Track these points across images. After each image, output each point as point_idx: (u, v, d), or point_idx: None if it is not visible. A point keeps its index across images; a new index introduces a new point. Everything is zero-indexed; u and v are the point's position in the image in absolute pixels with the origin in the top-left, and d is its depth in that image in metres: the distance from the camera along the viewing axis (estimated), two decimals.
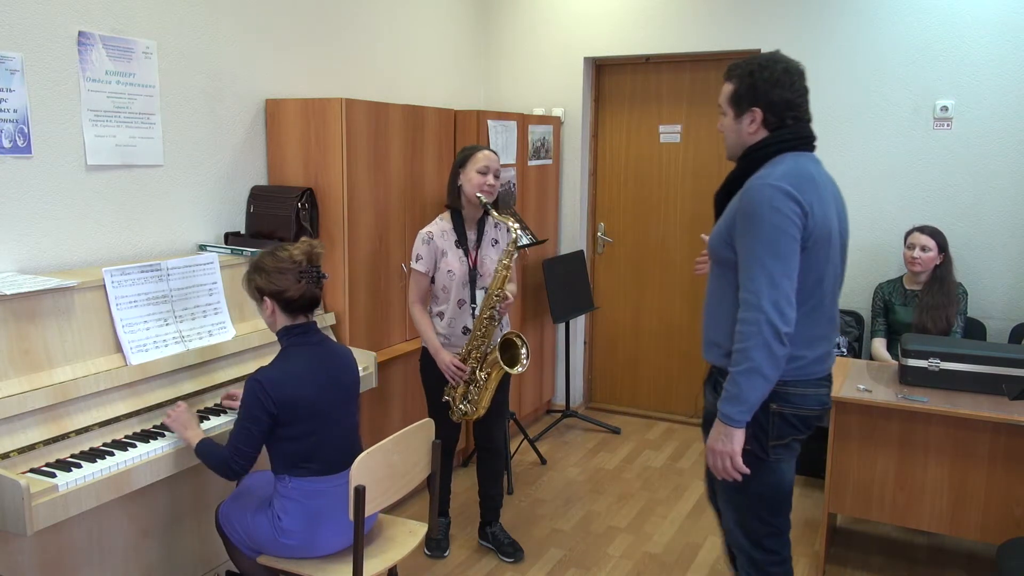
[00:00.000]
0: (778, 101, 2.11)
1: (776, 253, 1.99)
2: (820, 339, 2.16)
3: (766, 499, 2.25)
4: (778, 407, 2.14)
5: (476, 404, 3.12)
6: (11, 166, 2.49)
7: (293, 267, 2.29)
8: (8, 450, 2.11)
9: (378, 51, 4.08)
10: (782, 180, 2.02)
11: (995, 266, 4.00)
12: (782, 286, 1.99)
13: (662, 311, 5.00)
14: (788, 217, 1.99)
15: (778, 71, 2.11)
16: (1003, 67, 3.90)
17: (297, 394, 2.25)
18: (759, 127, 2.14)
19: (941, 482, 2.94)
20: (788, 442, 2.20)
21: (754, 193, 2.04)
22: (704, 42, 4.51)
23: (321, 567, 2.32)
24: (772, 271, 1.99)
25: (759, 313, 1.99)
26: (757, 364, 2.01)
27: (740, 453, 2.09)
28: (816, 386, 2.18)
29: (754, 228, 2.02)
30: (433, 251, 3.11)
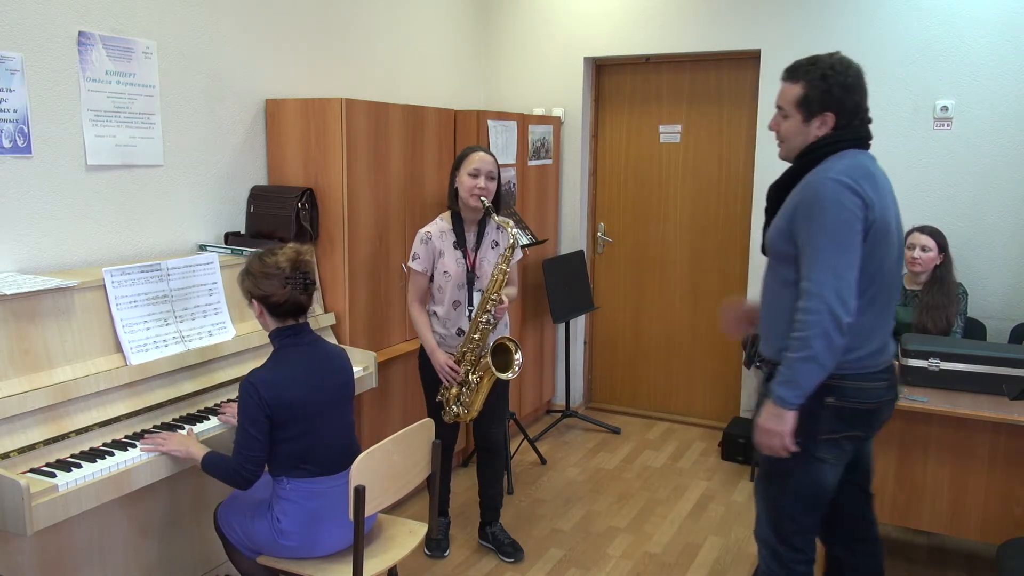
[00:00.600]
0: (851, 107, 2.15)
1: (839, 244, 2.04)
2: (877, 331, 2.18)
3: (804, 497, 2.26)
4: (834, 400, 2.16)
5: (468, 407, 3.11)
6: (11, 166, 2.49)
7: (278, 273, 2.29)
8: (8, 450, 2.11)
9: (378, 51, 4.08)
10: (843, 174, 2.07)
11: (995, 266, 4.00)
12: (845, 276, 2.04)
13: (662, 311, 5.00)
14: (850, 210, 2.04)
15: (851, 76, 2.14)
16: (1003, 67, 3.90)
17: (290, 395, 2.25)
18: (828, 130, 2.17)
19: (941, 482, 2.94)
20: (839, 439, 2.20)
21: (817, 187, 2.08)
22: (704, 42, 4.51)
23: (321, 567, 2.32)
24: (835, 262, 2.04)
25: (821, 302, 2.03)
26: (815, 352, 2.05)
27: (791, 433, 2.13)
28: (873, 380, 2.19)
29: (817, 220, 2.06)
30: (431, 251, 3.11)
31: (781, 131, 2.26)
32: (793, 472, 2.22)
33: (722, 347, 4.84)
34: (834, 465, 2.25)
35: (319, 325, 3.20)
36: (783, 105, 2.23)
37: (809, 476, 2.23)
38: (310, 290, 2.36)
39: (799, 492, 2.26)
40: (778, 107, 2.26)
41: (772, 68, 4.36)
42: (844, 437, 2.21)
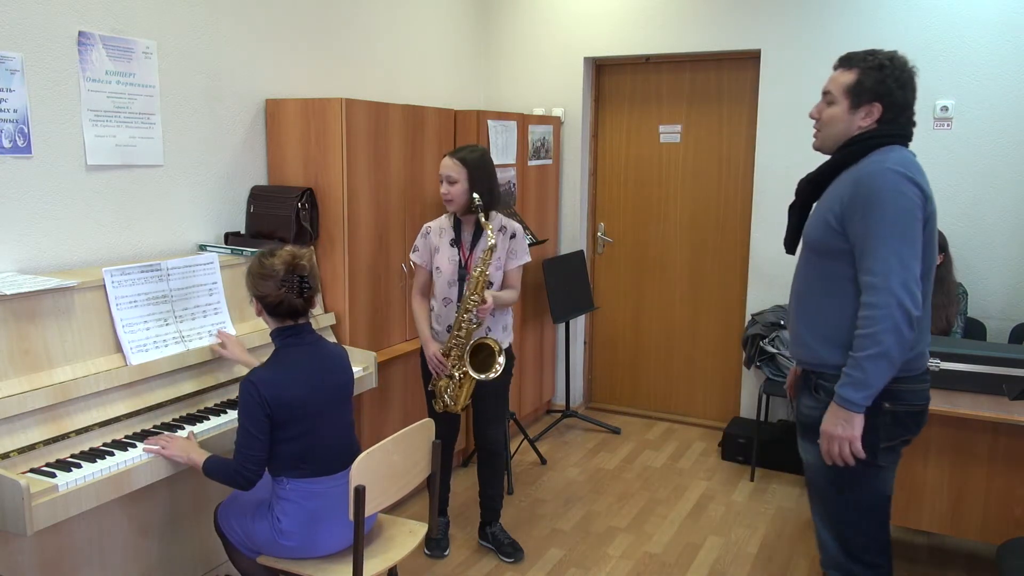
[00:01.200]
0: (901, 102, 2.12)
1: (903, 235, 1.99)
2: (925, 330, 2.13)
3: (869, 508, 2.18)
4: (891, 405, 2.09)
5: (455, 400, 3.15)
6: (11, 166, 2.49)
7: (273, 275, 2.30)
8: (8, 450, 2.11)
9: (378, 51, 4.08)
10: (899, 166, 2.03)
11: (995, 266, 4.00)
12: (911, 267, 1.99)
13: (662, 311, 4.99)
14: (912, 199, 2.00)
15: (907, 73, 2.12)
16: (1003, 67, 3.90)
17: (290, 394, 2.25)
18: (873, 123, 2.13)
19: (941, 482, 2.94)
20: (897, 444, 2.14)
21: (876, 178, 2.03)
22: (704, 42, 4.51)
23: (321, 567, 2.32)
24: (901, 252, 1.98)
25: (889, 296, 1.97)
26: (886, 348, 1.97)
27: (860, 438, 2.04)
28: (922, 381, 2.15)
29: (879, 211, 2.00)
30: (428, 245, 3.17)
31: (823, 118, 2.21)
32: (854, 485, 2.14)
33: (722, 347, 4.84)
34: (892, 469, 2.19)
35: (319, 325, 3.20)
36: (832, 90, 2.17)
37: (872, 486, 2.16)
38: (307, 293, 2.34)
39: (864, 504, 2.17)
40: (825, 93, 2.20)
41: (772, 68, 4.37)
42: (901, 441, 2.15)
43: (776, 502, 3.89)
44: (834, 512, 2.22)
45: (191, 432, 2.45)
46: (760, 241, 4.51)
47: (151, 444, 2.32)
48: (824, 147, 2.25)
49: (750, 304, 4.57)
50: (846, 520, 2.20)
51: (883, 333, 1.97)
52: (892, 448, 2.14)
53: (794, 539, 3.52)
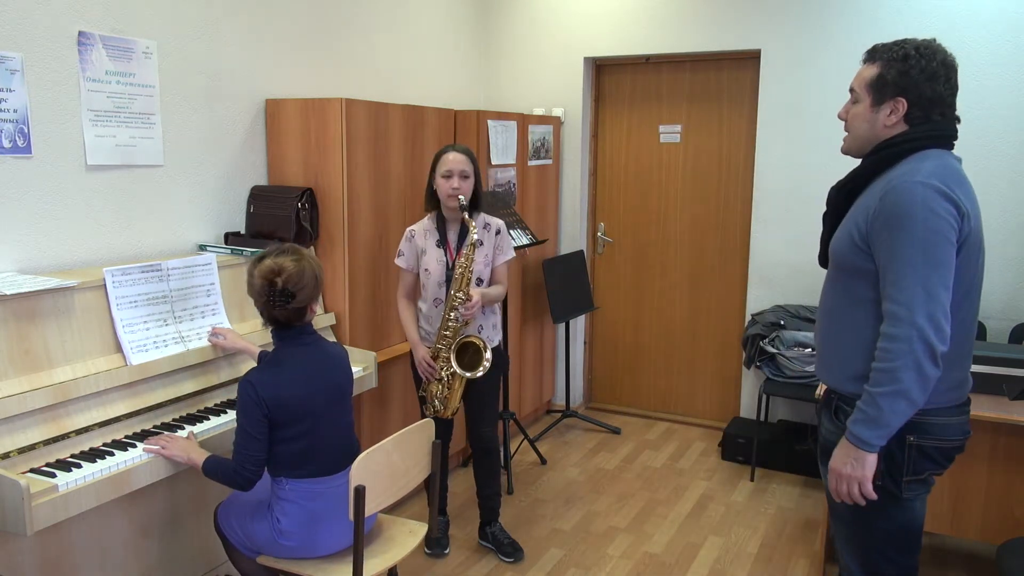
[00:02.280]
0: (930, 96, 1.89)
1: (932, 259, 1.77)
2: (961, 359, 1.93)
3: (896, 538, 2.01)
4: (916, 439, 1.91)
5: (445, 403, 3.14)
6: (11, 166, 2.49)
7: (256, 285, 2.28)
8: (8, 450, 2.11)
9: (378, 51, 4.08)
10: (933, 178, 1.81)
11: (995, 266, 4.00)
12: (939, 297, 1.77)
13: (662, 311, 4.99)
14: (944, 219, 1.78)
15: (936, 63, 1.88)
16: (1003, 67, 3.89)
17: (289, 394, 2.25)
18: (899, 120, 1.92)
19: (941, 482, 2.94)
20: (925, 477, 1.96)
21: (904, 192, 1.81)
22: (704, 42, 4.51)
23: (321, 567, 2.32)
24: (928, 280, 1.77)
25: (911, 329, 1.77)
26: (905, 387, 1.79)
27: (871, 479, 1.88)
28: (959, 413, 1.95)
29: (905, 231, 1.79)
30: (413, 248, 3.16)
31: (848, 117, 2.03)
32: (878, 515, 1.98)
33: (722, 347, 4.84)
34: (922, 499, 2.01)
35: (319, 325, 3.20)
36: (855, 87, 2.00)
37: (896, 516, 1.98)
38: (292, 304, 2.26)
39: (890, 534, 2.01)
40: (850, 91, 2.02)
41: (772, 68, 4.37)
42: (930, 474, 1.97)
43: (776, 502, 3.89)
44: (861, 542, 2.05)
45: (191, 432, 2.45)
46: (760, 241, 4.51)
47: (151, 444, 2.32)
48: (851, 150, 2.07)
49: (750, 304, 4.57)
50: (871, 550, 2.04)
51: (902, 370, 1.78)
52: (920, 481, 1.96)
53: (794, 539, 3.52)
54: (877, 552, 2.03)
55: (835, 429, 2.00)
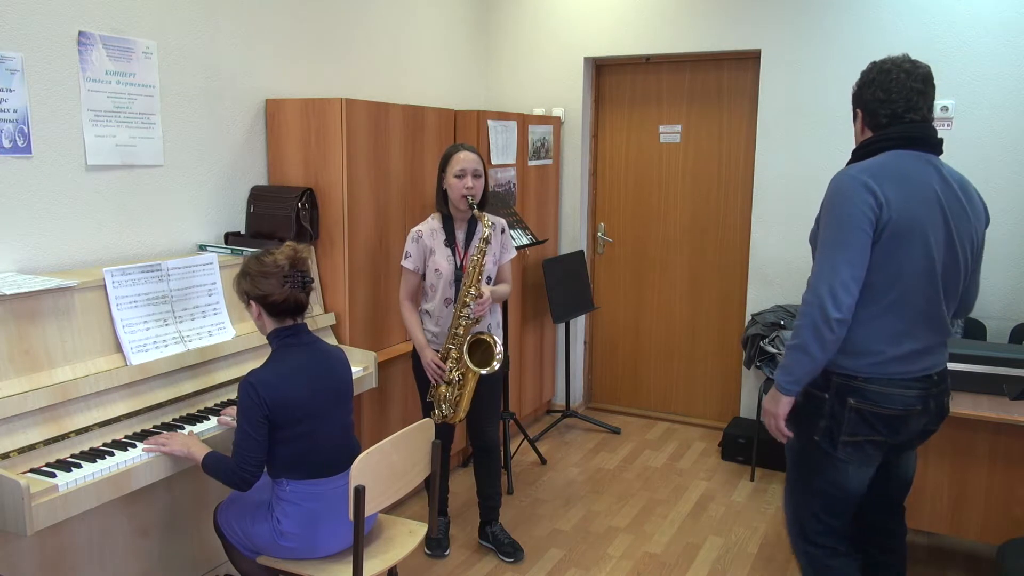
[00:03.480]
0: (870, 100, 2.19)
1: (841, 240, 2.06)
2: (905, 336, 2.13)
3: (825, 496, 2.27)
4: (856, 402, 2.16)
5: (455, 406, 3.11)
6: (11, 166, 2.49)
7: (277, 271, 2.29)
8: (8, 450, 2.11)
9: (378, 51, 4.08)
10: (862, 172, 2.09)
11: (995, 266, 4.00)
12: (841, 273, 2.06)
13: (662, 311, 4.99)
14: (858, 206, 2.05)
15: (873, 73, 2.20)
16: (1003, 67, 3.89)
17: (289, 395, 2.25)
18: (863, 127, 2.24)
19: (941, 482, 2.94)
20: (861, 442, 2.18)
21: (833, 183, 2.13)
22: (704, 42, 4.51)
23: (321, 567, 2.32)
24: (834, 257, 2.07)
25: (814, 296, 2.09)
26: (804, 342, 2.11)
27: (785, 416, 2.22)
28: (901, 386, 2.15)
29: (828, 215, 2.12)
30: (422, 249, 3.12)
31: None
32: (814, 472, 2.26)
33: (722, 347, 4.84)
34: (858, 468, 2.23)
35: (319, 325, 3.20)
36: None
37: (830, 476, 2.24)
38: (308, 288, 2.36)
39: (820, 491, 2.27)
40: None
41: (772, 68, 4.37)
42: (866, 440, 2.18)
43: (776, 502, 3.89)
44: (794, 494, 2.37)
45: (190, 431, 2.45)
46: (760, 241, 4.51)
47: (149, 444, 2.32)
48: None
49: (750, 304, 4.57)
50: (803, 504, 2.33)
51: (803, 329, 2.11)
52: (857, 445, 2.19)
53: None
54: (806, 508, 2.32)
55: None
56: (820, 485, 2.27)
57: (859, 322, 2.12)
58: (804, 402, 2.24)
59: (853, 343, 2.13)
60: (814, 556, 2.34)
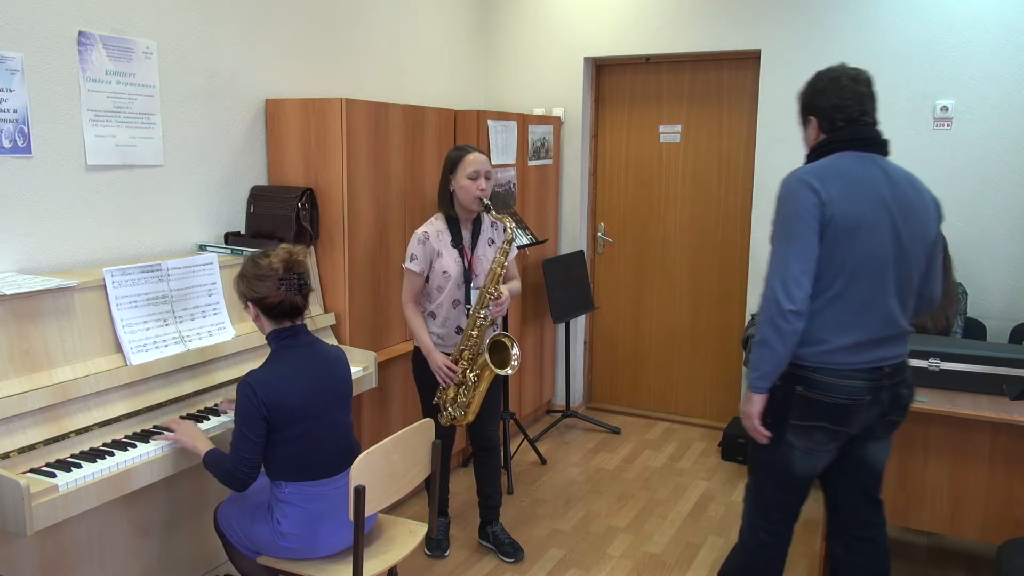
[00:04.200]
0: (826, 107, 2.30)
1: (789, 236, 2.18)
2: (850, 327, 2.22)
3: (774, 475, 2.42)
4: (803, 390, 2.27)
5: (465, 408, 3.10)
6: (11, 166, 2.49)
7: (272, 274, 2.29)
8: (8, 450, 2.11)
9: (378, 51, 4.08)
10: (807, 173, 2.21)
11: (995, 266, 4.00)
12: (791, 267, 2.17)
13: (662, 311, 5.00)
14: (803, 204, 2.17)
15: (823, 81, 2.33)
16: (1003, 67, 3.90)
17: (288, 396, 2.25)
18: (819, 132, 2.35)
19: (941, 482, 2.94)
20: (809, 428, 2.29)
21: (782, 185, 2.25)
22: (704, 42, 4.51)
23: (321, 567, 2.32)
24: (785, 253, 2.18)
25: (769, 290, 2.20)
26: (765, 337, 2.22)
27: (758, 416, 2.30)
28: (848, 377, 2.23)
29: (777, 214, 2.24)
30: (428, 252, 3.09)
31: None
32: (767, 452, 2.40)
33: (722, 347, 4.84)
34: (805, 453, 2.33)
35: (319, 325, 3.20)
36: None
37: (778, 457, 2.37)
38: (305, 291, 2.35)
39: (771, 470, 2.43)
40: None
41: (772, 68, 4.37)
42: (814, 426, 2.29)
43: None
44: (754, 469, 2.50)
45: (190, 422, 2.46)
46: (760, 241, 4.50)
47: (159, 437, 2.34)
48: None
49: (750, 304, 4.57)
50: (759, 478, 2.48)
51: (763, 324, 2.22)
52: (804, 430, 2.29)
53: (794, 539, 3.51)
54: (760, 481, 2.48)
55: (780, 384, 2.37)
56: (770, 464, 2.42)
57: (807, 313, 2.23)
58: None
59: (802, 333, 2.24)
60: (757, 526, 2.50)
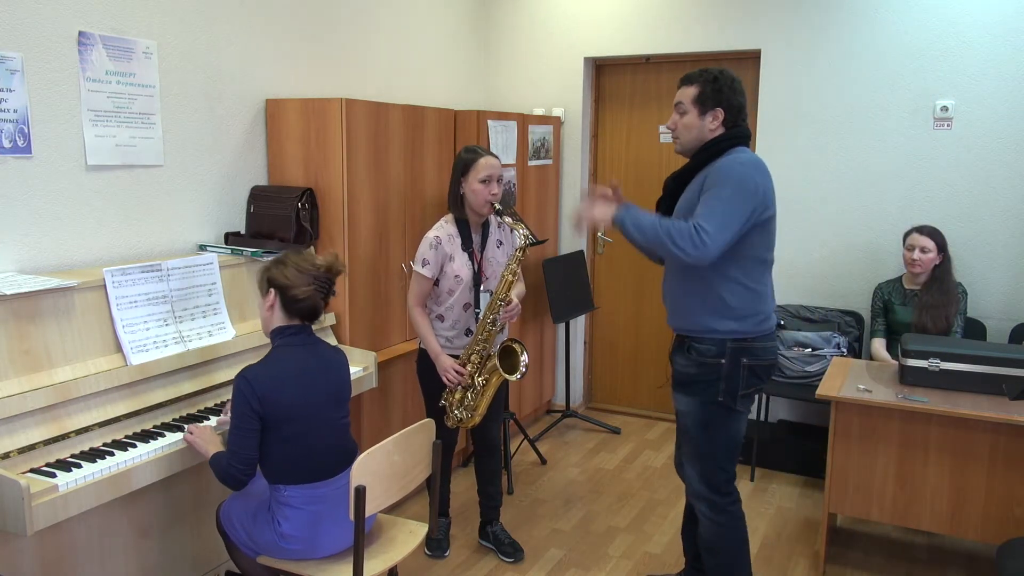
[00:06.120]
0: (736, 105, 2.53)
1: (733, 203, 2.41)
2: (770, 298, 2.61)
3: (728, 446, 2.64)
4: (748, 360, 2.55)
5: (472, 411, 3.10)
6: (11, 166, 2.49)
7: (312, 270, 2.32)
8: (8, 450, 2.11)
9: (378, 51, 4.08)
10: (750, 164, 2.47)
11: (995, 266, 4.01)
12: (730, 227, 2.39)
13: (662, 311, 4.96)
14: (756, 187, 2.44)
15: (737, 81, 2.55)
16: (1003, 67, 3.90)
17: (283, 392, 2.24)
18: (719, 125, 2.53)
19: (941, 482, 2.94)
20: (752, 392, 2.61)
21: (727, 168, 2.45)
22: (704, 42, 4.51)
23: (322, 567, 2.31)
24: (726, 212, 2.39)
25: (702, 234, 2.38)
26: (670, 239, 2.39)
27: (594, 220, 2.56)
28: (772, 340, 2.63)
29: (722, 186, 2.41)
30: (440, 256, 3.08)
31: (679, 127, 2.59)
32: (719, 428, 2.61)
33: None
34: (746, 416, 2.66)
35: (319, 325, 3.19)
36: (683, 101, 2.56)
37: (732, 427, 2.63)
38: (329, 298, 2.39)
39: (724, 443, 2.63)
40: (677, 105, 2.59)
41: (772, 68, 4.37)
42: (756, 390, 2.61)
43: (776, 502, 3.89)
44: (701, 451, 2.66)
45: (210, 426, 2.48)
46: None
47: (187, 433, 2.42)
48: (685, 151, 2.62)
49: None
50: (709, 456, 2.64)
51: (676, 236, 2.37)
52: (749, 396, 2.61)
53: (794, 539, 3.52)
54: (713, 461, 2.64)
55: (688, 363, 2.61)
56: (723, 438, 2.62)
57: (747, 288, 2.52)
58: (700, 371, 2.58)
59: (742, 308, 2.52)
60: (720, 505, 2.66)
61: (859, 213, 4.26)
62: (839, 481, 3.10)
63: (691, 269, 2.53)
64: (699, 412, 2.62)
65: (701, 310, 2.57)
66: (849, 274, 4.33)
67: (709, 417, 2.61)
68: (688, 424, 2.67)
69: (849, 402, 3.02)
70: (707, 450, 2.64)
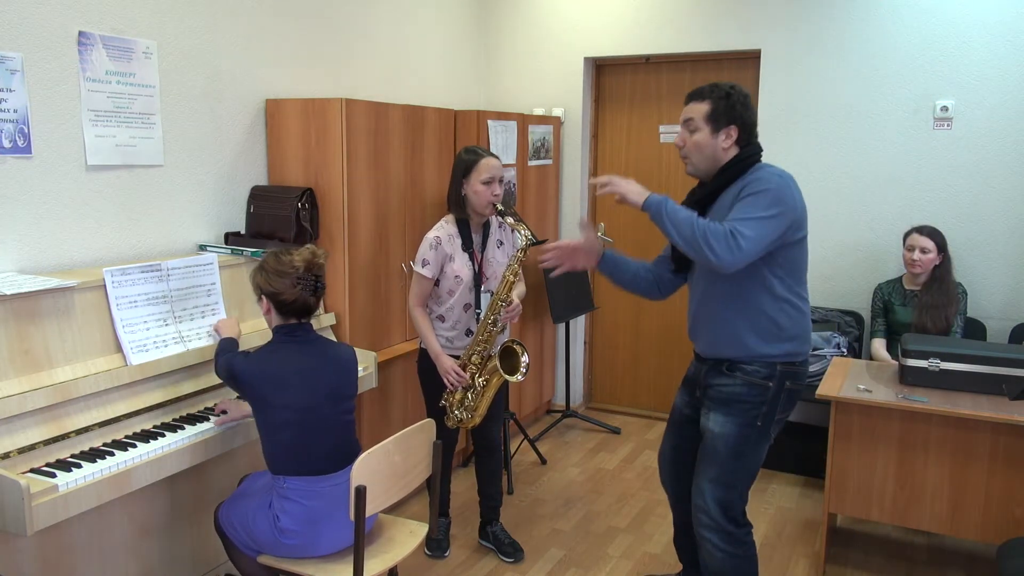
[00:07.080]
0: (750, 122, 2.42)
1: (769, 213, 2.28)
2: (809, 318, 2.50)
3: (752, 473, 2.52)
4: (791, 384, 2.43)
5: (472, 411, 3.10)
6: (11, 166, 2.49)
7: (291, 272, 2.34)
8: (8, 450, 2.11)
9: (378, 51, 4.08)
10: (783, 175, 2.36)
11: (995, 266, 4.01)
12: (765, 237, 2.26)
13: (662, 311, 4.99)
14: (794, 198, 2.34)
15: (747, 96, 2.42)
16: (1003, 67, 3.90)
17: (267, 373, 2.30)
18: (732, 144, 2.41)
19: (941, 482, 2.94)
20: (782, 419, 2.49)
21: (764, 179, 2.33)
22: (704, 42, 4.51)
23: (321, 567, 2.32)
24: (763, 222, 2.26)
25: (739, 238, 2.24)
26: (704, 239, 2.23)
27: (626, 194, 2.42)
28: (807, 365, 2.51)
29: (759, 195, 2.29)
30: (440, 256, 3.08)
31: (688, 145, 2.45)
32: (753, 453, 2.48)
33: None
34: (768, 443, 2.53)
35: (320, 325, 3.20)
36: (694, 117, 2.42)
37: (761, 454, 2.51)
38: (319, 293, 2.40)
39: (751, 469, 2.51)
40: (687, 122, 2.44)
41: (772, 68, 4.37)
42: (786, 415, 2.50)
43: (776, 502, 3.89)
44: (726, 478, 2.48)
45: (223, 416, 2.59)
46: None
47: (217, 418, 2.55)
48: (698, 171, 2.49)
49: None
50: (734, 484, 2.49)
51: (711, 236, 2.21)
52: (779, 422, 2.50)
53: (794, 539, 3.52)
54: (736, 490, 2.50)
55: (732, 381, 2.45)
56: (754, 465, 2.50)
57: (795, 307, 2.40)
58: (747, 391, 2.42)
59: (792, 328, 2.40)
60: (737, 536, 2.51)
61: (859, 213, 4.26)
62: (839, 481, 3.10)
63: (737, 292, 2.41)
64: (736, 434, 2.45)
65: (751, 334, 2.41)
66: (849, 274, 4.33)
67: (744, 440, 2.45)
68: (719, 447, 2.48)
69: (849, 402, 3.02)
70: (733, 477, 2.49)
